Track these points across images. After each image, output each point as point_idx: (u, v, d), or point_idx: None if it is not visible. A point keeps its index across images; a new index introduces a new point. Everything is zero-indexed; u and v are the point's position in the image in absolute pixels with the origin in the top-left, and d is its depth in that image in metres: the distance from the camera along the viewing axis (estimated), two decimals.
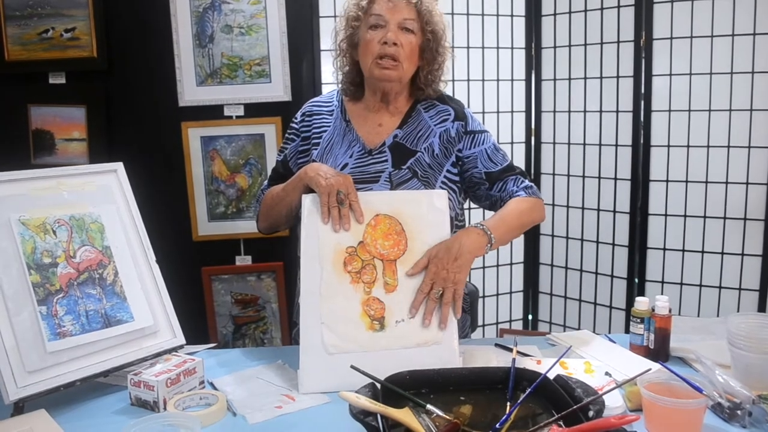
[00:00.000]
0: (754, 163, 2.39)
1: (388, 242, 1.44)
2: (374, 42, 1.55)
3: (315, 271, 1.40)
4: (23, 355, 1.27)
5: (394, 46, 1.54)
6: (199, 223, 2.69)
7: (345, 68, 1.66)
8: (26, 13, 2.51)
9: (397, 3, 1.56)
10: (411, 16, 1.56)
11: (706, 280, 2.52)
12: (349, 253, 1.42)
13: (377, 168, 1.59)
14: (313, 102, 1.72)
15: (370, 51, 1.55)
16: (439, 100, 1.68)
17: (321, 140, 1.64)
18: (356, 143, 1.62)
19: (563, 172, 2.79)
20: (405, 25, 1.56)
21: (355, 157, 1.60)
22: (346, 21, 1.62)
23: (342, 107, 1.68)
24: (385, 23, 1.55)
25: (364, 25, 1.57)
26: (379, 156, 1.61)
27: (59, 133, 2.61)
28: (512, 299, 2.92)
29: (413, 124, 1.64)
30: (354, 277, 1.41)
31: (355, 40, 1.60)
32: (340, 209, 1.43)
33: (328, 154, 1.62)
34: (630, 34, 2.52)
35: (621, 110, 2.60)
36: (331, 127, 1.65)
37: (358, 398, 1.06)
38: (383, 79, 1.58)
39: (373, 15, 1.56)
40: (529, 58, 2.79)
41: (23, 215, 1.37)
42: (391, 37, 1.53)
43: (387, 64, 1.55)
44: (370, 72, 1.57)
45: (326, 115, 1.67)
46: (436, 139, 1.63)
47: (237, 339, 2.79)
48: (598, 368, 1.38)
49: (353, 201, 1.44)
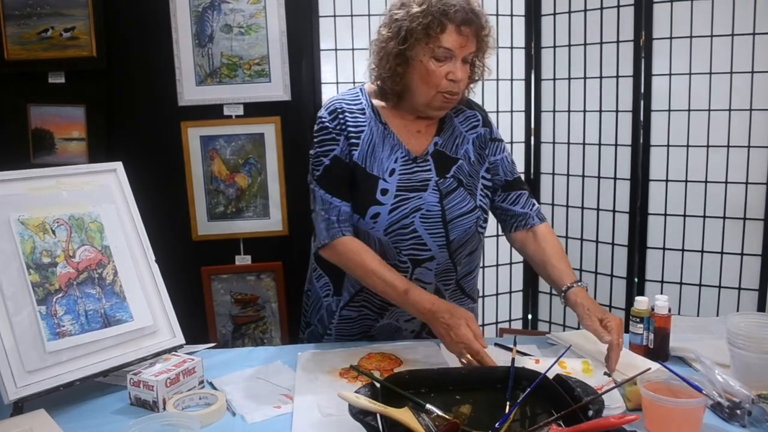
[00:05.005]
0: (754, 162, 2.38)
1: (384, 363, 1.47)
2: (440, 75, 1.48)
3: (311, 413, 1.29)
4: (22, 354, 1.27)
5: (459, 82, 1.50)
6: (199, 222, 2.69)
7: (387, 78, 1.54)
8: (26, 13, 2.50)
9: (467, 36, 1.48)
10: (474, 48, 1.51)
11: (705, 280, 2.52)
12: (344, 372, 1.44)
13: (423, 176, 1.57)
14: (338, 99, 1.61)
15: (433, 84, 1.49)
16: (465, 104, 1.67)
17: (360, 141, 1.56)
18: (398, 149, 1.57)
19: (563, 171, 2.79)
20: (467, 58, 1.51)
21: (400, 163, 1.57)
22: (404, 40, 1.48)
23: (374, 108, 1.60)
24: (452, 57, 1.48)
25: (427, 50, 1.47)
26: (424, 164, 1.58)
27: (59, 132, 2.61)
28: (512, 299, 2.92)
29: (449, 131, 1.63)
30: (350, 379, 1.41)
31: (410, 57, 1.49)
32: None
33: (370, 157, 1.56)
34: (630, 34, 2.52)
35: (620, 110, 2.59)
36: (367, 127, 1.57)
37: (357, 398, 1.06)
38: (442, 110, 1.56)
39: (442, 48, 1.46)
40: (529, 57, 2.79)
41: (22, 215, 1.37)
42: (459, 75, 1.49)
43: (450, 98, 1.52)
44: (429, 102, 1.52)
45: (358, 113, 1.59)
46: (470, 145, 1.63)
47: (236, 339, 2.79)
48: (597, 368, 1.38)
49: (482, 360, 1.34)
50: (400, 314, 1.64)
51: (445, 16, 1.44)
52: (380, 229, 1.54)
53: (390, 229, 1.54)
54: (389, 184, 1.55)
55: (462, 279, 1.66)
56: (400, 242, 1.55)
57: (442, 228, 1.57)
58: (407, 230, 1.54)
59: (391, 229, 1.54)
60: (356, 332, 1.67)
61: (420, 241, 1.56)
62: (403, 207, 1.54)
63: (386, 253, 1.55)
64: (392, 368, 1.43)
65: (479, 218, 1.62)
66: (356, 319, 1.65)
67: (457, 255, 1.61)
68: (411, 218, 1.54)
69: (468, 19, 1.46)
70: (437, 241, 1.57)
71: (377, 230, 1.54)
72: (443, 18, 1.44)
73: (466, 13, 1.45)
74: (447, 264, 1.60)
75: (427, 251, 1.57)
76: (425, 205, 1.55)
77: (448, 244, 1.58)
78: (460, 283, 1.65)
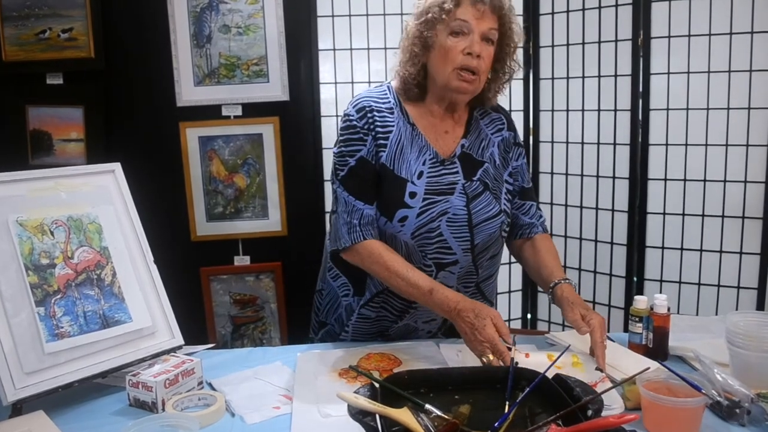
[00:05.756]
0: (753, 161, 2.38)
1: (383, 363, 1.47)
2: (456, 51, 1.46)
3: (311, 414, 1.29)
4: (21, 356, 1.26)
5: (477, 59, 1.46)
6: (198, 223, 2.69)
7: (410, 69, 1.53)
8: (23, 14, 2.50)
9: (484, 10, 1.46)
10: (494, 26, 1.48)
11: (704, 279, 2.52)
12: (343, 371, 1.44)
13: (451, 179, 1.55)
14: (367, 97, 1.57)
15: (450, 60, 1.46)
16: (491, 107, 1.67)
17: (388, 141, 1.53)
18: (426, 150, 1.55)
19: (561, 171, 2.79)
20: (488, 35, 1.47)
21: (428, 165, 1.54)
22: (425, 22, 1.48)
23: (402, 108, 1.57)
24: (469, 31, 1.45)
25: (444, 28, 1.46)
26: (451, 166, 1.56)
27: (57, 133, 2.61)
28: (511, 298, 2.92)
29: (475, 133, 1.62)
30: (349, 379, 1.40)
31: (430, 42, 1.49)
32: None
33: (399, 159, 1.53)
34: (628, 33, 2.52)
35: (619, 109, 2.59)
36: (396, 127, 1.54)
37: (356, 398, 1.06)
38: (460, 91, 1.51)
39: (458, 20, 1.44)
40: (527, 56, 2.79)
41: (21, 216, 1.37)
42: (476, 49, 1.45)
43: (467, 77, 1.48)
44: (446, 81, 1.49)
45: (386, 113, 1.55)
46: (495, 149, 1.63)
47: (236, 339, 2.79)
48: (587, 362, 1.38)
49: (502, 360, 1.33)
50: (419, 316, 1.63)
51: None
52: (407, 233, 1.52)
53: (417, 232, 1.52)
54: (417, 187, 1.53)
55: (483, 282, 1.65)
56: (425, 246, 1.54)
57: (468, 232, 1.55)
58: (433, 234, 1.53)
59: (418, 233, 1.52)
60: (374, 331, 1.66)
61: (445, 245, 1.54)
62: (430, 210, 1.52)
63: (411, 256, 1.54)
64: (391, 368, 1.43)
65: (503, 222, 1.61)
66: (375, 319, 1.64)
67: (480, 259, 1.60)
68: (438, 222, 1.52)
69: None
70: (462, 245, 1.55)
71: (404, 234, 1.52)
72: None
73: None
74: (469, 267, 1.59)
75: (452, 255, 1.55)
76: (452, 209, 1.54)
77: (473, 248, 1.57)
78: (480, 286, 1.64)
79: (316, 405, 1.28)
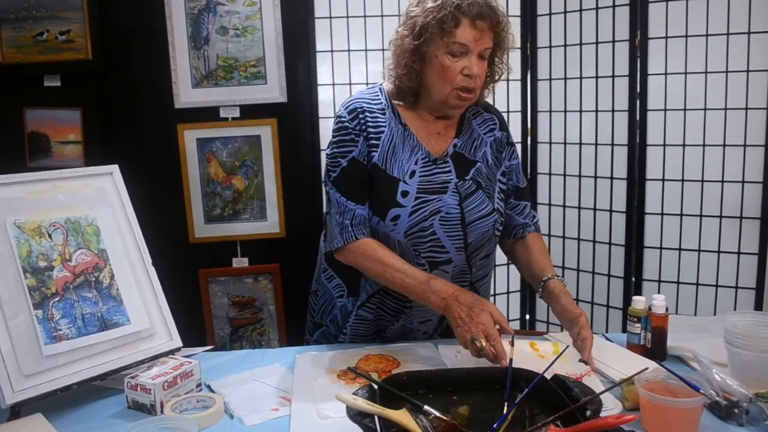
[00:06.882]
0: (750, 161, 2.39)
1: (381, 364, 1.47)
2: (455, 71, 1.47)
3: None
4: (19, 358, 1.26)
5: (475, 78, 1.48)
6: (196, 225, 2.69)
7: (409, 84, 1.53)
8: (21, 16, 2.50)
9: (483, 30, 1.46)
10: (491, 45, 1.50)
11: (702, 279, 2.53)
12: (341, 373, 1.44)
13: (443, 178, 1.56)
14: (358, 99, 1.58)
15: (449, 80, 1.48)
16: (482, 107, 1.67)
17: (380, 142, 1.54)
18: (419, 150, 1.55)
19: (559, 171, 2.79)
20: (484, 54, 1.49)
21: (420, 164, 1.55)
22: (424, 41, 1.47)
23: (394, 109, 1.58)
24: (468, 52, 1.46)
25: (442, 46, 1.46)
26: (444, 165, 1.57)
27: (55, 135, 2.61)
28: (509, 299, 2.92)
29: (467, 133, 1.62)
30: (348, 381, 1.40)
31: (427, 57, 1.49)
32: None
33: (391, 158, 1.54)
34: (625, 34, 2.52)
35: (617, 109, 2.60)
36: (387, 128, 1.55)
37: (355, 400, 1.06)
38: (459, 108, 1.55)
39: (457, 43, 1.45)
40: (525, 57, 2.79)
41: (18, 218, 1.37)
42: (475, 71, 1.47)
43: (465, 96, 1.50)
44: (445, 99, 1.51)
45: (378, 114, 1.56)
46: (488, 148, 1.63)
47: (234, 341, 2.79)
48: (570, 354, 1.38)
49: (495, 346, 1.34)
50: (414, 316, 1.63)
51: (459, 10, 1.43)
52: (400, 232, 1.52)
53: (410, 231, 1.52)
54: (410, 186, 1.53)
55: (477, 282, 1.65)
56: (419, 245, 1.54)
57: (461, 231, 1.56)
58: (426, 233, 1.53)
59: (410, 232, 1.53)
60: (371, 333, 1.66)
61: (438, 244, 1.55)
62: (423, 209, 1.53)
63: (405, 255, 1.54)
64: (390, 370, 1.43)
65: (496, 221, 1.61)
66: (372, 321, 1.64)
67: (473, 257, 1.60)
68: (431, 220, 1.53)
69: (482, 13, 1.45)
70: (455, 243, 1.56)
71: (397, 232, 1.53)
72: (457, 12, 1.43)
73: (481, 7, 1.44)
74: (463, 266, 1.60)
75: (445, 254, 1.56)
76: (445, 208, 1.54)
77: (466, 246, 1.57)
78: (474, 285, 1.65)
79: (314, 406, 1.28)
